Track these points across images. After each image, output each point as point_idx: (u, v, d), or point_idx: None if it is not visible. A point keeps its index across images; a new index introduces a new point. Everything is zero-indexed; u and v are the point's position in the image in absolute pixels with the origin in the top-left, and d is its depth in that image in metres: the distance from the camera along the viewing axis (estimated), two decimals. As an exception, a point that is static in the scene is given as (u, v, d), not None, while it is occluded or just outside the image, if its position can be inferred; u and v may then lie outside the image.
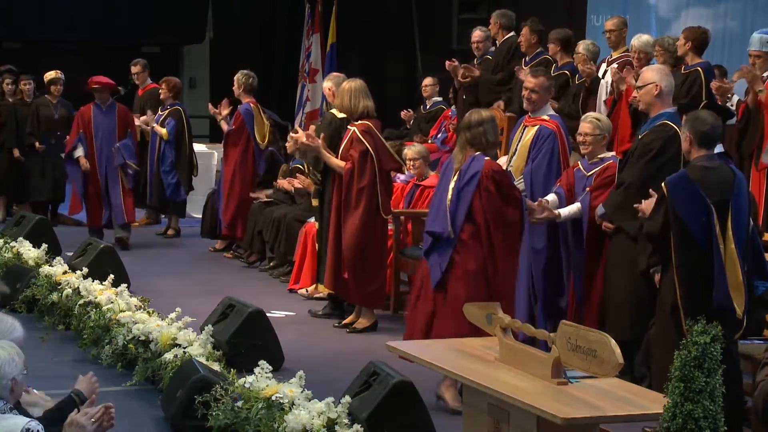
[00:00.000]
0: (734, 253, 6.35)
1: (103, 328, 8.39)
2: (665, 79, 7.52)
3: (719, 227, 6.35)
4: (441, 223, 7.31)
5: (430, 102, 14.50)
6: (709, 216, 6.36)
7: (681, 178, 6.51)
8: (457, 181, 7.29)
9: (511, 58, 11.90)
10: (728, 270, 6.35)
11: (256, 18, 19.74)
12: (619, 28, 11.03)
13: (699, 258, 6.38)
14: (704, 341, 4.49)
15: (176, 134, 13.83)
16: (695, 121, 6.59)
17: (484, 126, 7.34)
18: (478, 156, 7.31)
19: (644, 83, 7.53)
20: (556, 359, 5.28)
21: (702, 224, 6.36)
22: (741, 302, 6.36)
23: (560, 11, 15.75)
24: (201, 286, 11.17)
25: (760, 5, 12.99)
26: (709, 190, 6.39)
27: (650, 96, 7.46)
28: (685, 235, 6.39)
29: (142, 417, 7.19)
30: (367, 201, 9.30)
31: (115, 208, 12.90)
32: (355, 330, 9.49)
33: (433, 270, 7.33)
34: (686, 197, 6.41)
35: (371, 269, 9.40)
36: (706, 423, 4.44)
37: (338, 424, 6.08)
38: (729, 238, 6.36)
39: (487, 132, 7.33)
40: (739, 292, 6.36)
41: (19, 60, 16.40)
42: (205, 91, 20.00)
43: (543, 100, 8.35)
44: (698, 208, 6.38)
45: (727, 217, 6.38)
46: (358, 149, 9.30)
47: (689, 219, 6.39)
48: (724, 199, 6.40)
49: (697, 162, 6.53)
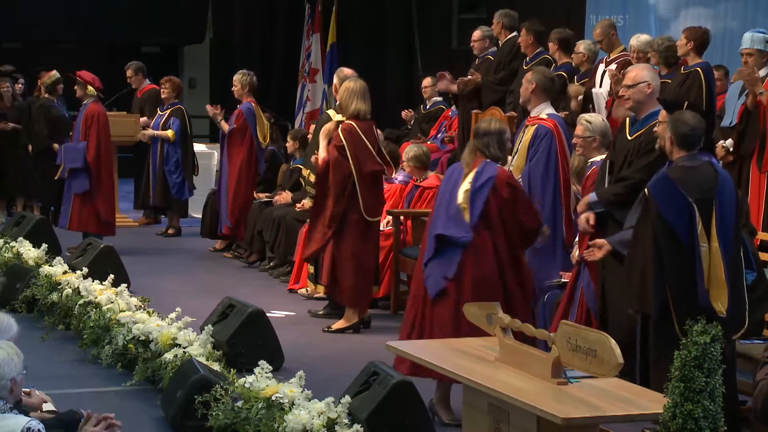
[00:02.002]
0: (717, 252, 6.33)
1: (103, 328, 8.39)
2: (656, 78, 7.50)
3: (702, 225, 6.34)
4: (458, 227, 6.98)
5: (430, 102, 14.50)
6: (691, 214, 6.36)
7: (661, 179, 6.51)
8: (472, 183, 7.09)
9: (512, 58, 11.91)
10: (710, 269, 6.34)
11: (256, 18, 19.75)
12: (608, 33, 11.02)
13: (686, 259, 6.37)
14: (704, 341, 4.50)
15: (181, 133, 13.83)
16: (677, 122, 6.59)
17: (489, 138, 7.15)
18: (490, 163, 7.15)
19: (635, 82, 7.41)
20: (556, 359, 5.28)
21: (685, 223, 6.36)
22: (724, 301, 6.34)
23: (559, 11, 15.76)
24: (201, 286, 11.18)
25: (760, 5, 12.99)
26: (690, 189, 6.39)
27: (643, 95, 7.36)
28: (670, 237, 6.39)
29: (142, 417, 7.19)
30: (349, 202, 9.31)
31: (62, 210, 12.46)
32: (329, 330, 9.48)
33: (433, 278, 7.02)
34: (668, 198, 6.40)
35: (354, 270, 9.39)
36: (706, 423, 4.45)
37: (338, 424, 6.09)
38: (713, 237, 6.35)
39: (490, 144, 7.13)
40: (722, 290, 6.34)
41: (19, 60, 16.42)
42: (205, 91, 20.01)
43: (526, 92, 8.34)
44: (680, 208, 6.38)
45: (711, 215, 6.38)
46: (335, 146, 9.35)
47: (673, 219, 6.38)
48: (706, 198, 6.40)
49: (678, 162, 6.55)
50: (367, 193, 9.40)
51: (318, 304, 10.21)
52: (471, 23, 14.79)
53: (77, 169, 12.20)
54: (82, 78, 12.32)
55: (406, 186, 10.95)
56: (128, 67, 14.71)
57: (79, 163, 12.19)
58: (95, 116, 12.27)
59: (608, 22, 11.26)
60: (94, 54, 19.31)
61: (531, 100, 8.57)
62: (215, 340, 7.81)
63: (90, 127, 12.22)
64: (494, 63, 12.09)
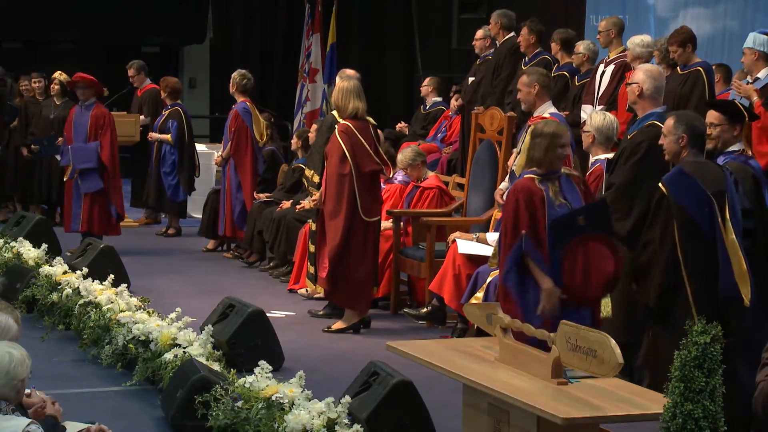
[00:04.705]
0: (735, 243, 6.38)
1: (103, 328, 8.39)
2: (649, 80, 7.50)
3: (721, 218, 6.40)
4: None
5: (430, 102, 14.50)
6: (711, 206, 6.39)
7: (677, 173, 6.55)
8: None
9: (511, 58, 11.91)
10: (732, 260, 6.37)
11: (256, 18, 19.74)
12: (607, 30, 11.02)
13: (706, 252, 6.40)
14: (704, 341, 4.50)
15: (178, 136, 13.83)
16: (693, 122, 6.63)
17: (536, 140, 6.81)
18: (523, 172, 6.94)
19: (630, 82, 7.62)
20: (556, 359, 5.28)
21: (707, 215, 6.40)
22: (747, 291, 6.37)
23: (559, 11, 15.77)
24: (201, 286, 11.17)
25: (760, 5, 12.99)
26: (706, 182, 6.45)
27: (633, 95, 7.53)
28: (691, 230, 6.41)
29: (142, 417, 7.19)
30: (347, 203, 9.31)
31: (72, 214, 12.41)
32: (329, 330, 9.49)
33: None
34: (687, 191, 6.45)
35: (351, 271, 9.38)
36: (706, 423, 4.45)
37: (338, 424, 6.09)
38: (729, 229, 6.39)
39: (536, 146, 6.77)
40: (745, 281, 6.38)
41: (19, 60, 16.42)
42: (205, 91, 20.01)
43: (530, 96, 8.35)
44: (700, 201, 6.42)
45: (725, 208, 6.42)
46: (333, 148, 9.34)
47: (694, 211, 6.42)
48: (720, 191, 6.45)
49: (688, 158, 6.59)
50: (365, 194, 9.40)
51: (318, 304, 10.20)
52: (471, 23, 14.84)
53: (88, 169, 12.25)
54: (89, 81, 12.39)
55: (406, 186, 10.94)
56: (130, 66, 14.71)
57: (91, 163, 12.25)
58: (106, 117, 12.43)
59: (614, 20, 11.25)
60: (94, 54, 19.30)
61: (536, 103, 8.58)
62: (215, 340, 7.81)
63: (103, 128, 12.32)
64: (492, 63, 12.11)
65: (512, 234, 6.55)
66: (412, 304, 10.22)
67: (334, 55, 17.03)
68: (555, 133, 6.72)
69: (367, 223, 9.41)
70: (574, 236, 6.40)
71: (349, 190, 9.31)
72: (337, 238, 9.30)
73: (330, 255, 9.34)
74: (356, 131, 9.34)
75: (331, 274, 9.37)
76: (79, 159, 12.27)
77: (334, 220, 9.34)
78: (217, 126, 18.35)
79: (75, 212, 12.36)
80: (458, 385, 5.75)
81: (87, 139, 12.30)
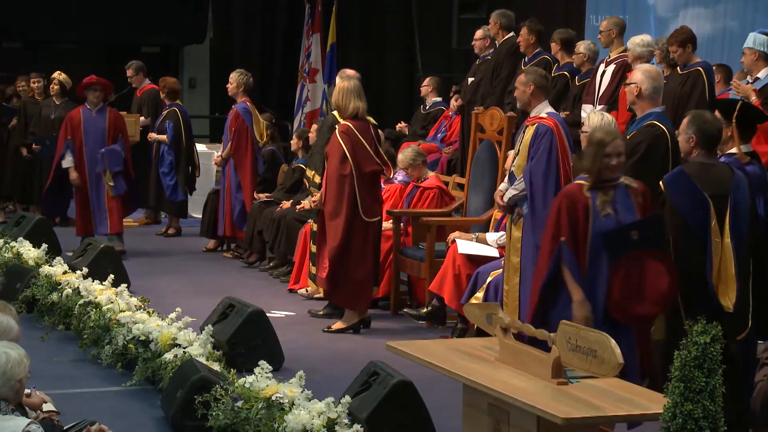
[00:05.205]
0: (729, 248, 6.36)
1: (103, 328, 8.39)
2: (647, 80, 7.50)
3: (716, 221, 6.37)
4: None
5: (429, 102, 14.51)
6: (706, 209, 6.37)
7: (677, 174, 6.55)
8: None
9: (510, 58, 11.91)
10: (721, 264, 6.35)
11: (256, 18, 19.73)
12: (608, 30, 11.02)
13: (697, 256, 6.39)
14: (704, 341, 4.50)
15: (174, 136, 13.82)
16: (704, 123, 6.59)
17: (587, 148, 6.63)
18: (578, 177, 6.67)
19: (629, 82, 7.64)
20: (556, 359, 5.28)
21: (699, 218, 6.38)
22: (732, 297, 6.34)
23: (559, 11, 15.77)
24: (201, 286, 11.17)
25: (760, 5, 12.99)
26: (706, 184, 6.43)
27: (631, 96, 7.58)
28: (683, 231, 6.41)
29: (142, 417, 7.20)
30: (348, 203, 9.31)
31: (98, 217, 12.49)
32: (329, 330, 9.48)
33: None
34: (683, 192, 6.43)
35: (351, 271, 9.38)
36: (706, 423, 4.45)
37: (338, 424, 6.09)
38: (726, 233, 6.38)
39: (586, 154, 6.58)
40: (731, 286, 6.35)
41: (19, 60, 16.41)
42: (205, 91, 19.99)
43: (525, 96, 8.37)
44: (695, 202, 6.40)
45: (725, 211, 6.40)
46: (334, 148, 9.34)
47: (687, 213, 6.41)
48: (722, 194, 6.43)
49: (696, 159, 6.57)
50: (366, 194, 9.39)
51: (318, 304, 10.21)
52: (471, 23, 14.84)
53: (118, 172, 12.43)
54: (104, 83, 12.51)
55: (407, 186, 10.94)
56: (129, 67, 14.71)
57: (120, 166, 12.43)
58: (121, 119, 12.68)
59: (616, 20, 11.25)
60: (94, 54, 19.29)
61: (531, 102, 8.57)
62: (215, 340, 7.81)
63: (121, 131, 12.56)
64: (492, 63, 12.11)
65: (551, 240, 6.38)
66: (412, 304, 10.22)
67: (334, 55, 17.03)
68: (600, 141, 6.44)
69: (367, 223, 9.41)
70: (627, 250, 6.19)
71: (349, 190, 9.31)
72: (338, 239, 9.30)
73: (330, 255, 9.34)
74: (357, 131, 9.34)
75: (331, 274, 9.37)
76: (113, 162, 12.42)
77: (334, 220, 9.35)
78: (217, 126, 18.33)
79: (100, 216, 12.47)
80: (458, 385, 5.75)
81: (105, 142, 12.42)
